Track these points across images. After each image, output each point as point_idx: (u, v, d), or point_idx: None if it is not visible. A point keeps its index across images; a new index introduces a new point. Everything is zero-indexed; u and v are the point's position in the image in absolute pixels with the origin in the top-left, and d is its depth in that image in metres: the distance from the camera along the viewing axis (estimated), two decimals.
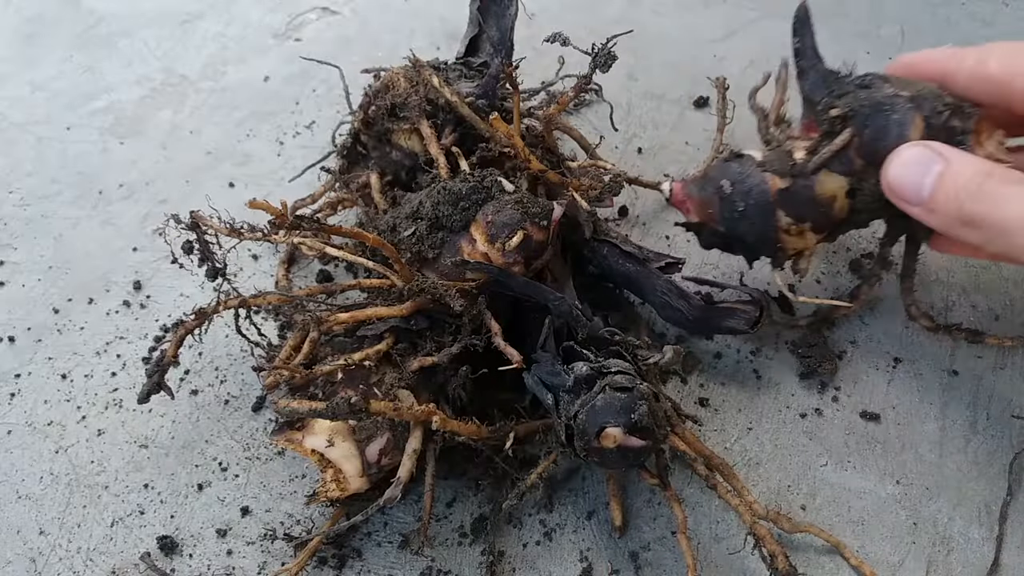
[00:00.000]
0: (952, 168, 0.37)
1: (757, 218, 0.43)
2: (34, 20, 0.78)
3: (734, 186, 0.43)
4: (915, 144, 0.38)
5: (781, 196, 0.42)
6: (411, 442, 0.40)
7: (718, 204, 0.44)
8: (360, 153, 0.56)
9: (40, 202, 0.62)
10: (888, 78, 0.42)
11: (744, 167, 0.43)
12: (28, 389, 0.51)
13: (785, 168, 0.42)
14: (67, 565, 0.44)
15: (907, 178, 0.38)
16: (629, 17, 0.79)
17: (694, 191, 0.45)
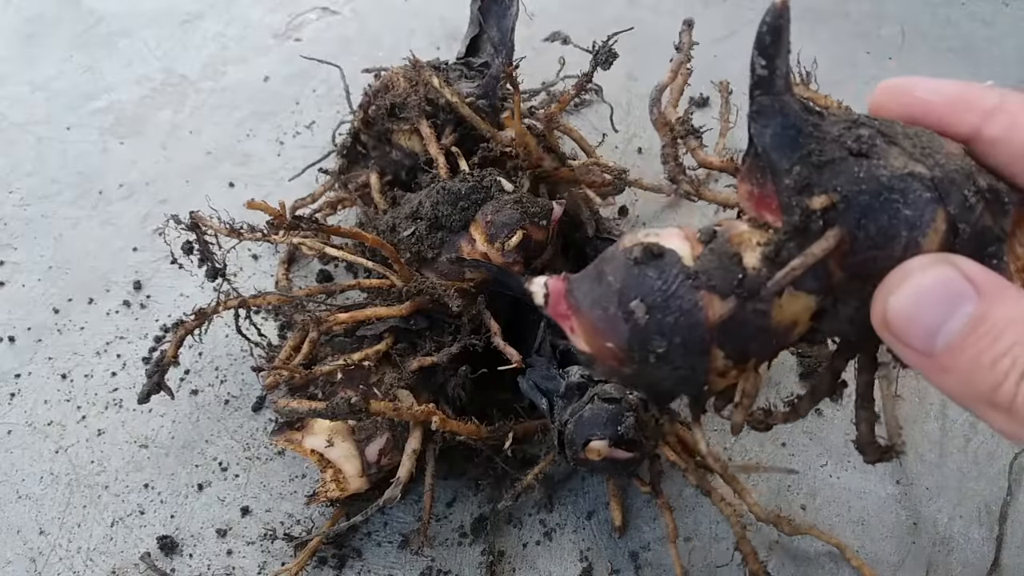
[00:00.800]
0: (994, 315, 0.22)
1: (682, 361, 0.26)
2: (34, 20, 0.78)
3: (651, 313, 0.26)
4: (935, 263, 0.23)
5: (721, 329, 0.26)
6: (410, 442, 0.40)
7: (624, 336, 0.26)
8: (360, 153, 0.56)
9: (40, 202, 0.62)
10: (894, 133, 0.26)
11: (666, 277, 0.26)
12: (28, 389, 0.51)
13: (729, 283, 0.26)
14: (67, 565, 0.44)
15: (918, 318, 0.23)
16: (629, 17, 0.79)
17: (585, 305, 0.27)
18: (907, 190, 0.24)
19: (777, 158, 0.25)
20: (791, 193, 0.25)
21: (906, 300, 0.23)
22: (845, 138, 0.25)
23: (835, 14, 0.78)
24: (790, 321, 0.26)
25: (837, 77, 0.74)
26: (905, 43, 0.76)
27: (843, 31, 0.76)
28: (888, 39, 0.76)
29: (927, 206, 0.24)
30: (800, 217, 0.25)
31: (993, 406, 0.22)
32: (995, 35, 0.78)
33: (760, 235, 0.26)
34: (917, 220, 0.24)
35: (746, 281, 0.26)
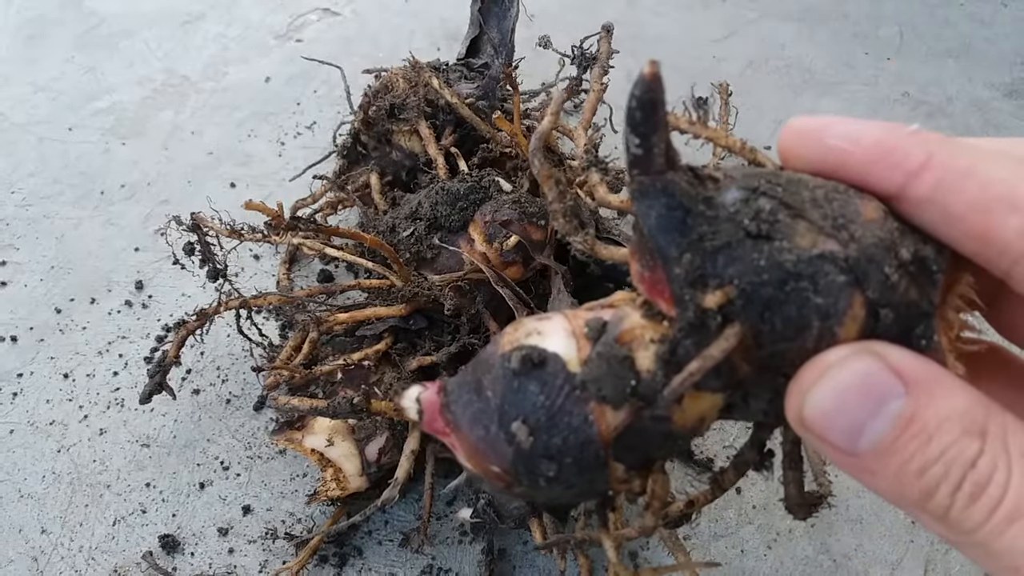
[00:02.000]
0: (924, 414, 0.19)
1: (577, 479, 0.24)
2: (36, 21, 0.78)
3: (536, 435, 0.23)
4: (856, 355, 0.20)
5: (618, 441, 0.23)
6: (409, 442, 0.40)
7: (509, 459, 0.24)
8: (360, 153, 0.56)
9: (42, 202, 0.63)
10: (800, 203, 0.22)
11: (549, 391, 0.23)
12: (30, 388, 0.52)
13: (622, 391, 0.23)
14: (69, 564, 0.44)
15: (838, 418, 0.20)
16: (629, 18, 0.79)
17: (464, 422, 0.25)
18: (817, 275, 0.20)
19: (665, 244, 0.22)
20: (683, 284, 0.21)
21: (823, 399, 0.20)
22: (742, 215, 0.21)
23: (833, 14, 0.78)
24: (695, 421, 0.24)
25: (835, 78, 0.75)
26: (903, 44, 0.76)
27: (841, 32, 0.77)
28: (886, 39, 0.77)
29: (841, 292, 0.20)
30: (694, 314, 0.21)
31: (925, 513, 0.19)
32: (993, 35, 0.78)
33: (654, 329, 0.23)
34: (831, 308, 0.20)
35: (640, 387, 0.23)
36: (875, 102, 0.72)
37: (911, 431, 0.19)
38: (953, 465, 0.18)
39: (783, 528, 0.45)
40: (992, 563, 0.18)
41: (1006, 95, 0.73)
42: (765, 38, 0.76)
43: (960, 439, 0.18)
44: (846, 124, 0.21)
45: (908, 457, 0.19)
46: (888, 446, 0.19)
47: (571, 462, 0.23)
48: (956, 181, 0.19)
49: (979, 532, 0.18)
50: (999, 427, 0.18)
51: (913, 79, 0.74)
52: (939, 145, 0.20)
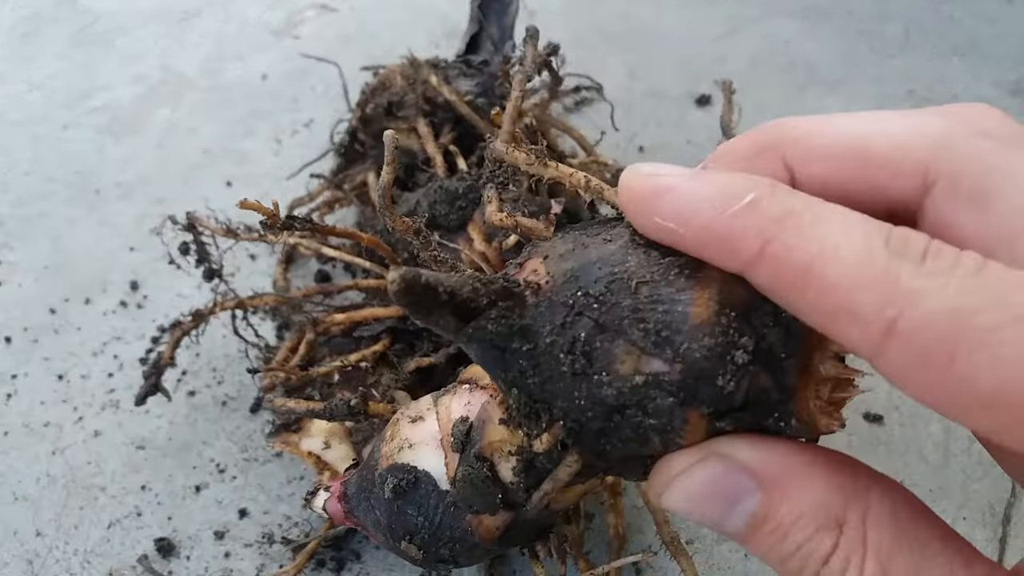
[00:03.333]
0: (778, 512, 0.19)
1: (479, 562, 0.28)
2: (31, 18, 0.77)
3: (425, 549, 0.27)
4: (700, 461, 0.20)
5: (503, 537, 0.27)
6: None
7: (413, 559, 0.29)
8: (358, 151, 0.55)
9: (37, 201, 0.62)
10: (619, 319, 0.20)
11: (427, 512, 0.26)
12: (25, 390, 0.51)
13: (492, 503, 0.25)
14: (64, 567, 0.43)
15: (698, 516, 0.20)
16: (631, 14, 0.78)
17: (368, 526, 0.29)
18: (644, 401, 0.19)
19: (493, 376, 0.22)
20: (520, 416, 0.22)
21: (678, 502, 0.20)
22: (558, 349, 0.20)
23: (838, 11, 0.77)
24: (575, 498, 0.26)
25: (840, 75, 0.74)
26: (908, 41, 0.75)
27: (846, 29, 0.76)
28: (891, 37, 0.76)
29: (673, 412, 0.19)
30: (537, 446, 0.22)
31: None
32: (999, 33, 0.77)
33: (512, 439, 0.24)
34: (667, 426, 0.20)
35: (508, 495, 0.25)
36: (880, 100, 0.71)
37: (765, 529, 0.18)
38: (808, 560, 0.18)
39: None
40: None
41: (1012, 93, 0.72)
42: (768, 35, 0.75)
43: (814, 535, 0.18)
44: (677, 196, 0.19)
45: (766, 551, 0.19)
46: (746, 539, 0.19)
47: (465, 559, 0.27)
48: (794, 279, 0.17)
49: None
50: (858, 517, 0.18)
51: (918, 77, 0.73)
52: (776, 229, 0.17)
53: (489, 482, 0.25)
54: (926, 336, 0.16)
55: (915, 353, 0.16)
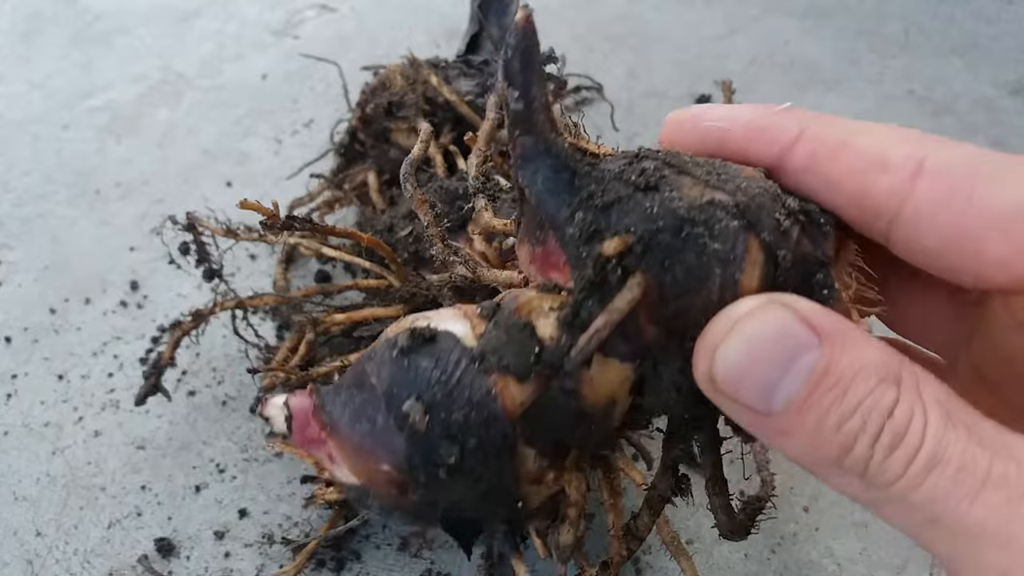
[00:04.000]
0: (839, 365, 0.18)
1: (483, 470, 0.21)
2: (31, 18, 0.77)
3: (432, 413, 0.21)
4: (766, 306, 0.19)
5: (525, 419, 0.21)
6: None
7: (402, 451, 0.21)
8: (358, 151, 0.55)
9: (36, 201, 0.62)
10: (682, 163, 0.21)
11: (444, 365, 0.21)
12: (25, 390, 0.51)
13: (525, 360, 0.21)
14: (64, 567, 0.43)
15: (751, 374, 0.19)
16: (630, 14, 0.78)
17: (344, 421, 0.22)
18: (711, 221, 0.20)
19: (554, 206, 0.21)
20: (578, 244, 0.20)
21: (735, 354, 0.19)
22: (628, 173, 0.21)
23: (837, 11, 0.77)
24: (607, 398, 0.21)
25: (840, 75, 0.74)
26: (908, 41, 0.75)
27: (846, 28, 0.76)
28: (891, 37, 0.76)
29: (737, 236, 0.20)
30: (594, 269, 0.20)
31: (843, 472, 0.18)
32: (999, 33, 0.77)
33: (552, 299, 0.21)
34: (729, 254, 0.20)
35: (544, 355, 0.20)
36: (880, 99, 0.71)
37: (826, 384, 0.18)
38: (871, 415, 0.18)
39: (787, 532, 0.45)
40: (910, 516, 0.18)
41: (1012, 93, 0.72)
42: (768, 35, 0.75)
43: (876, 388, 0.18)
44: (721, 108, 0.23)
45: (824, 412, 0.18)
46: (803, 402, 0.18)
47: (475, 444, 0.20)
48: (830, 150, 0.21)
49: (897, 484, 0.17)
50: (912, 376, 0.18)
51: (918, 76, 0.73)
52: (812, 120, 0.21)
53: (527, 331, 0.21)
54: (951, 172, 0.19)
55: (942, 187, 0.19)
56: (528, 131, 0.21)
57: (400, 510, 0.22)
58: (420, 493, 0.21)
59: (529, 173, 0.21)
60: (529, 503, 0.22)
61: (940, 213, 0.19)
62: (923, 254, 0.20)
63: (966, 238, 0.19)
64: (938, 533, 0.17)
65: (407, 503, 0.21)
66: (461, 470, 0.20)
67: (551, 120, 0.21)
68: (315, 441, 0.22)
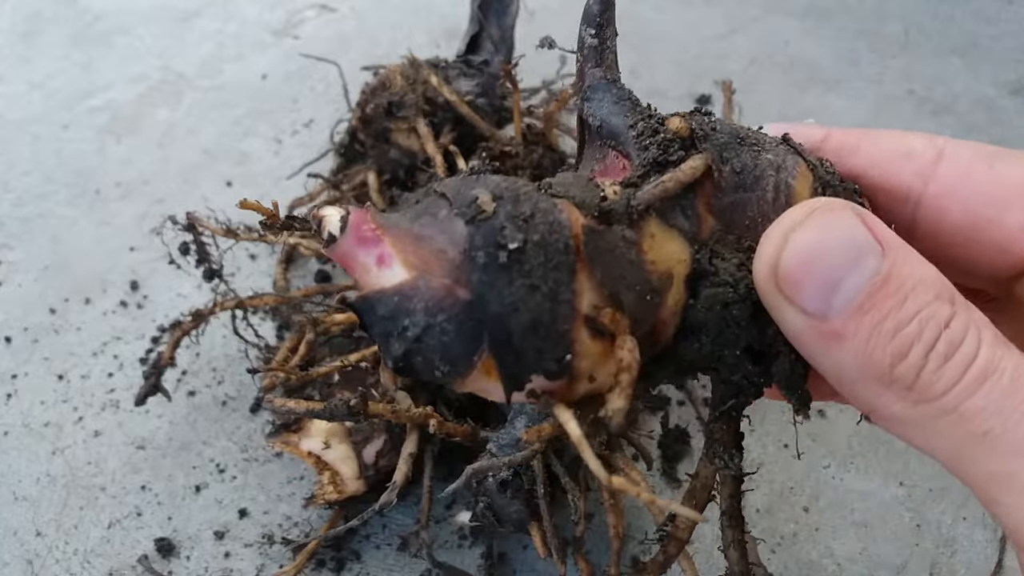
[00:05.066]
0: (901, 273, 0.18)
1: (541, 275, 0.20)
2: (31, 18, 0.77)
3: (500, 203, 0.20)
4: (841, 206, 0.20)
5: (589, 240, 0.20)
6: (407, 445, 0.40)
7: (463, 235, 0.20)
8: (358, 151, 0.55)
9: (36, 201, 0.62)
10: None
11: (513, 183, 0.21)
12: (25, 390, 0.51)
13: (592, 198, 0.21)
14: (64, 567, 0.43)
15: (817, 267, 0.19)
16: (631, 14, 0.78)
17: (403, 223, 0.21)
18: (762, 140, 0.23)
19: (619, 121, 0.23)
20: (642, 139, 0.23)
21: (808, 240, 0.19)
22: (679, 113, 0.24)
23: (837, 11, 0.77)
24: (664, 268, 0.21)
25: (840, 75, 0.74)
26: (908, 41, 0.75)
27: (846, 28, 0.76)
28: (891, 37, 0.76)
29: (787, 154, 0.23)
30: (657, 149, 0.22)
31: (890, 384, 0.18)
32: (999, 33, 0.77)
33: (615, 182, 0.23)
34: (781, 162, 0.22)
35: (608, 201, 0.21)
36: (880, 99, 0.71)
37: (887, 289, 0.18)
38: (927, 325, 0.18)
39: (787, 532, 0.45)
40: (960, 430, 0.17)
41: (1012, 93, 0.72)
42: (768, 35, 0.75)
43: (934, 301, 0.18)
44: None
45: (882, 316, 0.18)
46: (863, 303, 0.18)
47: (539, 241, 0.20)
48: (854, 144, 0.24)
49: (950, 394, 0.18)
50: (963, 299, 0.19)
51: (918, 76, 0.73)
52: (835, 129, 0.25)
53: (592, 183, 0.22)
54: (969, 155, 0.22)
55: (962, 166, 0.21)
56: (598, 64, 0.24)
57: (447, 313, 0.19)
58: (475, 282, 0.19)
59: (596, 100, 0.24)
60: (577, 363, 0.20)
61: (962, 188, 0.21)
62: (948, 233, 0.22)
63: (987, 208, 0.21)
64: (988, 449, 0.17)
65: (457, 302, 0.19)
66: (521, 262, 0.19)
67: (616, 62, 0.24)
68: (368, 241, 0.20)
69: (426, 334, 0.20)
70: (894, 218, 0.23)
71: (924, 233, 0.23)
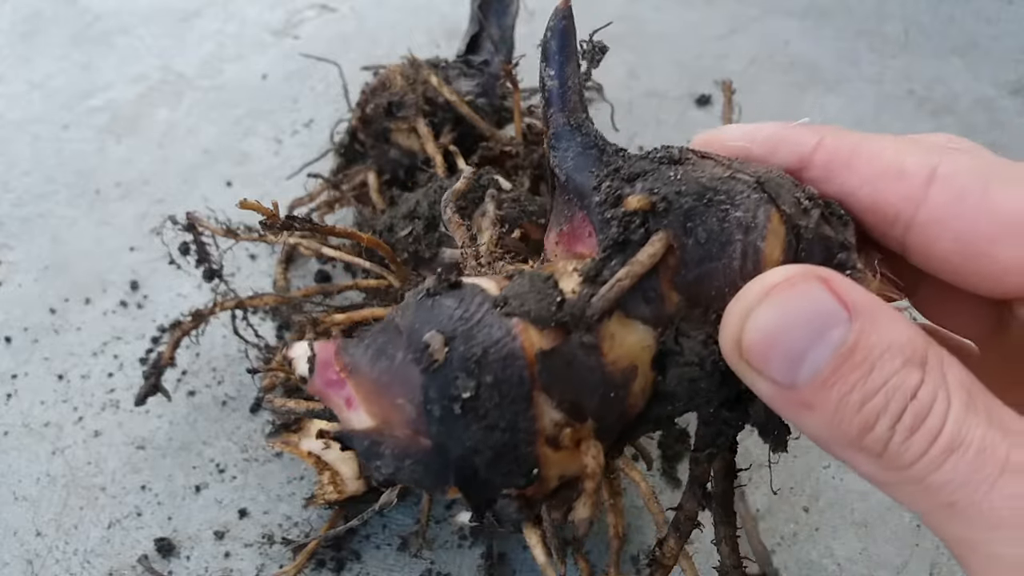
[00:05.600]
0: (867, 342, 0.18)
1: (498, 414, 0.21)
2: (31, 18, 0.77)
3: (451, 345, 0.20)
4: (803, 275, 0.19)
5: (544, 365, 0.21)
6: None
7: (419, 385, 0.21)
8: (358, 151, 0.55)
9: (37, 201, 0.62)
10: (705, 152, 0.23)
11: (467, 306, 0.21)
12: (25, 390, 0.51)
13: (547, 308, 0.21)
14: (64, 567, 0.43)
15: (781, 342, 0.19)
16: (630, 14, 0.78)
17: (364, 363, 0.22)
18: (732, 191, 0.21)
19: (583, 179, 0.22)
20: (604, 208, 0.21)
21: (768, 319, 0.19)
22: (653, 154, 0.22)
23: (837, 11, 0.77)
24: (627, 363, 0.21)
25: (840, 75, 0.74)
26: (908, 41, 0.75)
27: (846, 28, 0.76)
28: (891, 37, 0.76)
29: (759, 206, 0.21)
30: (618, 227, 0.21)
31: (860, 451, 0.18)
32: (999, 33, 0.77)
33: (577, 263, 0.22)
34: (751, 221, 0.20)
35: (566, 305, 0.21)
36: (880, 99, 0.71)
37: (853, 360, 0.18)
38: (894, 396, 0.18)
39: (787, 532, 0.45)
40: (927, 500, 0.18)
41: (1012, 93, 0.72)
42: (768, 35, 0.75)
43: (901, 369, 0.18)
44: (742, 127, 0.24)
45: (849, 388, 0.18)
46: (829, 375, 0.18)
47: (492, 381, 0.20)
48: (846, 158, 0.22)
49: (916, 466, 0.17)
50: (937, 358, 0.18)
51: (918, 76, 0.73)
52: (830, 131, 0.22)
53: (550, 283, 0.21)
54: (962, 177, 0.19)
55: (953, 192, 0.19)
56: (562, 108, 0.23)
57: (412, 459, 0.21)
58: (434, 433, 0.20)
59: (560, 150, 0.23)
60: (545, 472, 0.21)
61: (953, 216, 0.19)
62: (939, 260, 0.20)
63: (979, 240, 0.19)
64: (953, 518, 0.17)
65: (420, 449, 0.21)
66: (476, 408, 0.20)
67: (582, 102, 0.23)
68: (334, 383, 0.22)
69: (398, 472, 0.21)
70: (884, 239, 0.22)
71: (915, 256, 0.21)
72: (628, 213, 0.21)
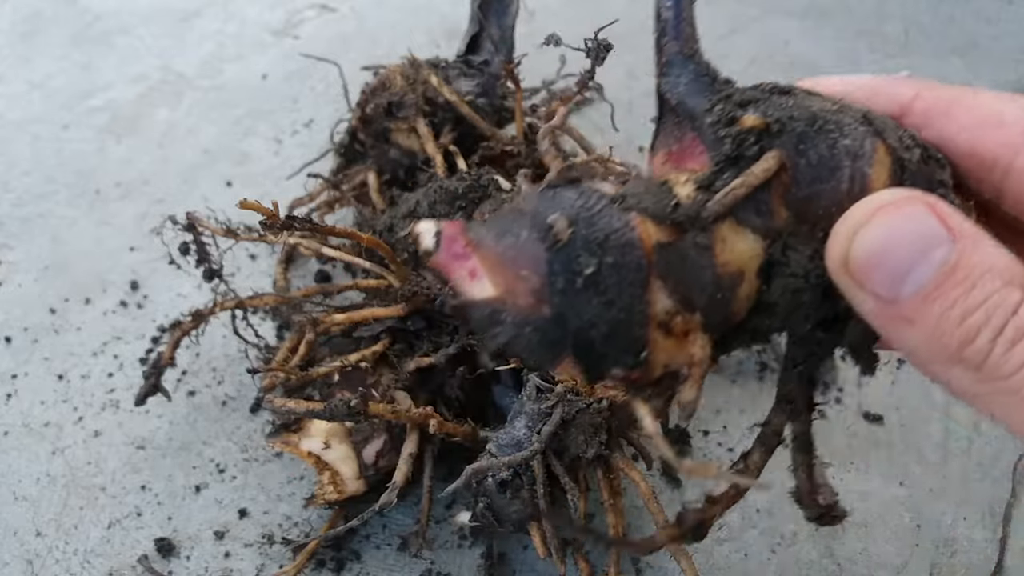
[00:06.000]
0: (969, 262, 0.19)
1: (616, 292, 0.22)
2: (31, 18, 0.77)
3: (575, 227, 0.22)
4: (910, 198, 0.20)
5: (660, 256, 0.22)
6: (407, 446, 0.40)
7: (543, 259, 0.22)
8: (358, 151, 0.55)
9: (37, 201, 0.62)
10: (809, 90, 0.24)
11: (587, 198, 0.23)
12: (25, 390, 0.51)
13: (663, 208, 0.22)
14: (64, 567, 0.43)
15: (886, 259, 0.20)
16: (630, 13, 0.78)
17: (489, 239, 0.23)
18: (841, 122, 0.22)
19: (696, 102, 0.23)
20: (717, 128, 0.23)
21: (875, 237, 0.20)
22: (763, 86, 0.24)
23: (837, 11, 0.77)
24: (736, 268, 0.22)
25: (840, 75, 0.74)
26: (908, 41, 0.75)
27: (846, 29, 0.76)
28: (891, 36, 0.76)
29: (866, 137, 0.22)
30: (732, 144, 0.22)
31: (959, 363, 0.20)
32: (999, 33, 0.77)
33: (689, 175, 0.23)
34: (859, 149, 0.22)
35: (681, 207, 0.22)
36: None
37: (955, 277, 0.19)
38: (995, 312, 0.19)
39: (787, 532, 0.45)
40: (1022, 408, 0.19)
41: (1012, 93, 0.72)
42: (768, 35, 0.75)
43: (1002, 288, 0.19)
44: (841, 78, 0.26)
45: (950, 303, 0.19)
46: (931, 291, 0.19)
47: (612, 262, 0.21)
48: (945, 107, 0.23)
49: (1017, 375, 0.19)
50: None
51: (918, 76, 0.73)
52: (927, 85, 0.24)
53: (665, 187, 0.23)
54: None
55: None
56: (676, 38, 0.24)
57: (532, 326, 0.22)
58: (556, 303, 0.22)
59: (673, 77, 0.24)
60: (653, 357, 0.22)
61: None
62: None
63: None
64: None
65: (540, 317, 0.22)
66: (596, 284, 0.22)
67: (695, 35, 0.24)
68: (460, 256, 0.23)
69: (515, 340, 0.22)
70: (982, 184, 0.23)
71: (1010, 202, 0.23)
72: (743, 131, 0.22)
